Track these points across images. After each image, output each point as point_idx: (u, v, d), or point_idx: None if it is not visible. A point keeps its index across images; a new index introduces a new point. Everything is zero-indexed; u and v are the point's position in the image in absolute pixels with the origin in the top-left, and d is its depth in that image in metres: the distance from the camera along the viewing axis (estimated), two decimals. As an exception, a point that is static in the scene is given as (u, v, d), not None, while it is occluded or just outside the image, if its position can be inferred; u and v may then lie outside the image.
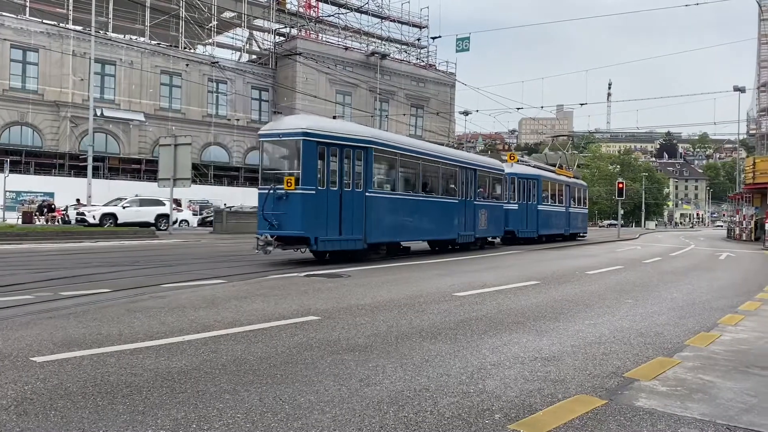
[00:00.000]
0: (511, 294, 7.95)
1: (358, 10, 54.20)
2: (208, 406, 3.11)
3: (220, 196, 43.15)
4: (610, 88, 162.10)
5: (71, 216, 28.42)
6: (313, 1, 53.52)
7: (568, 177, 29.05)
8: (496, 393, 3.48)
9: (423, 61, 57.99)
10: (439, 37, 48.48)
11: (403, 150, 14.50)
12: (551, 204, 25.59)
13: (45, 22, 40.09)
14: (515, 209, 22.12)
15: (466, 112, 47.24)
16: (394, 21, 56.30)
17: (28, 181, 37.99)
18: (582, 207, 31.46)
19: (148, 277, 8.91)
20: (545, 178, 25.05)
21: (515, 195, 22.40)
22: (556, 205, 26.25)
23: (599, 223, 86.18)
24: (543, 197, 24.28)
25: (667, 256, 18.09)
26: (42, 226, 24.91)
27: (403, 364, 4.08)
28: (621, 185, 35.51)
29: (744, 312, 6.94)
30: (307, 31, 52.51)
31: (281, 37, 52.56)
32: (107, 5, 42.86)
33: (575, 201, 29.28)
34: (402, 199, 14.27)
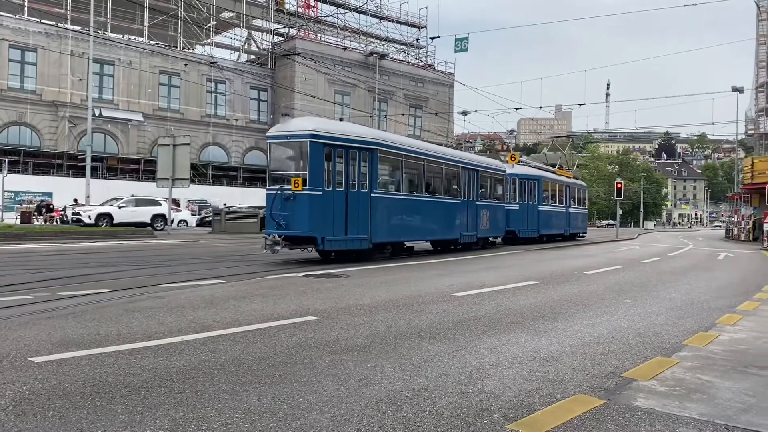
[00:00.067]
0: (510, 294, 7.95)
1: (357, 10, 54.21)
2: (207, 407, 3.10)
3: (218, 196, 43.22)
4: (608, 88, 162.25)
5: (69, 216, 28.40)
6: (311, 1, 53.50)
7: (568, 177, 29.18)
8: (494, 393, 3.48)
9: (422, 61, 58.02)
10: (437, 37, 48.83)
11: (408, 151, 14.66)
12: (552, 204, 25.66)
13: (43, 22, 40.06)
14: (516, 209, 22.23)
15: (465, 113, 47.32)
16: (392, 21, 56.35)
17: (27, 181, 37.96)
18: (582, 207, 31.62)
19: (147, 277, 8.90)
20: (546, 179, 25.12)
21: (516, 195, 22.52)
22: (556, 205, 26.33)
23: (597, 224, 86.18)
24: (543, 198, 24.35)
25: (665, 256, 18.11)
26: (40, 226, 24.89)
27: (402, 364, 4.08)
28: (619, 185, 35.61)
29: (742, 312, 6.94)
30: (306, 31, 52.50)
31: (280, 37, 52.56)
32: (106, 5, 42.84)
33: (575, 201, 29.38)
34: (406, 199, 14.44)
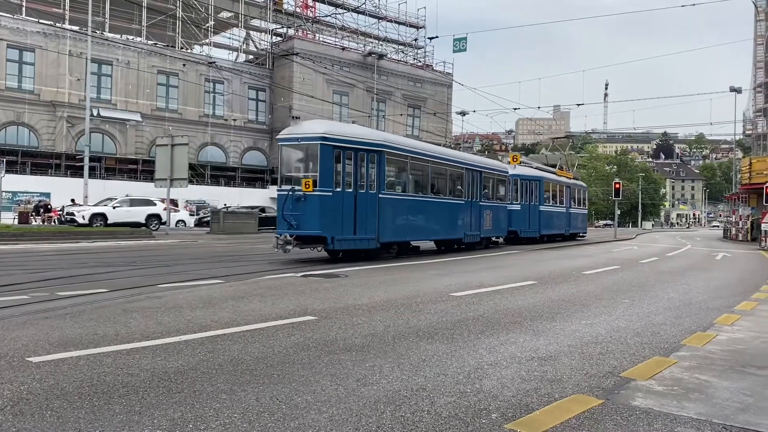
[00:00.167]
0: (508, 294, 7.96)
1: (355, 10, 54.20)
2: (205, 406, 3.10)
3: (216, 196, 43.20)
4: (606, 89, 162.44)
5: (64, 216, 28.34)
6: (309, 1, 53.46)
7: (568, 178, 29.34)
8: (493, 393, 3.49)
9: (420, 61, 58.03)
10: (436, 37, 48.68)
11: (414, 153, 15.01)
12: (553, 205, 25.78)
13: (41, 21, 39.99)
14: (518, 210, 22.42)
15: (464, 113, 47.31)
16: (391, 21, 56.33)
17: (25, 182, 37.85)
18: (582, 207, 31.79)
19: (145, 278, 8.90)
20: (547, 180, 25.28)
21: (518, 196, 22.72)
22: (557, 205, 26.44)
23: (595, 224, 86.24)
24: (545, 198, 24.48)
25: (663, 256, 18.13)
26: (38, 227, 24.85)
27: (400, 364, 4.08)
28: (618, 185, 35.70)
29: (740, 312, 6.95)
30: (304, 31, 52.47)
31: (278, 37, 52.51)
32: (104, 5, 42.78)
33: (575, 202, 29.52)
34: (412, 200, 14.78)
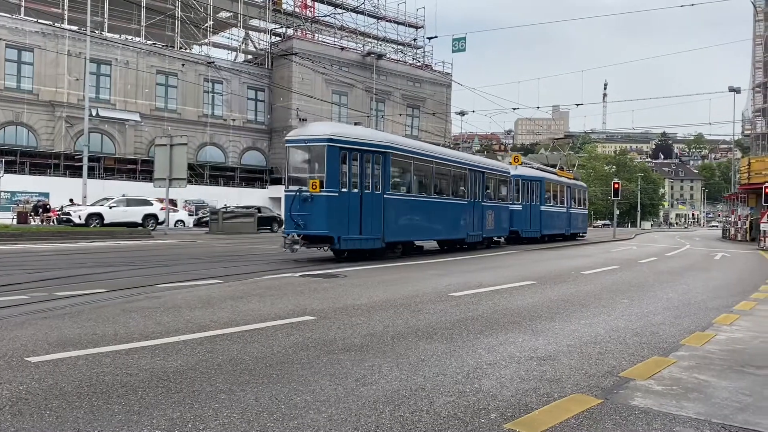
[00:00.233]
0: (508, 294, 7.96)
1: (354, 10, 54.20)
2: (204, 406, 3.10)
3: (215, 196, 43.21)
4: (606, 89, 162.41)
5: (60, 216, 28.30)
6: (309, 1, 53.46)
7: (569, 178, 29.46)
8: (492, 392, 3.49)
9: (419, 61, 58.03)
10: (435, 37, 48.67)
11: (418, 154, 15.19)
12: (553, 205, 25.87)
13: (40, 21, 39.94)
14: (520, 210, 22.53)
15: (463, 113, 47.27)
16: (390, 21, 56.34)
17: (23, 182, 37.84)
18: (582, 208, 31.92)
19: (144, 278, 8.89)
20: (548, 180, 25.40)
21: (519, 196, 22.82)
22: (558, 206, 26.55)
23: (594, 224, 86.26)
24: (546, 198, 24.57)
25: (662, 256, 18.15)
26: (37, 227, 24.82)
27: (399, 364, 4.08)
28: (617, 185, 35.75)
29: (739, 312, 6.96)
30: (303, 31, 52.47)
31: (277, 37, 52.49)
32: (102, 5, 42.77)
33: (576, 202, 29.65)
34: (417, 200, 14.97)
